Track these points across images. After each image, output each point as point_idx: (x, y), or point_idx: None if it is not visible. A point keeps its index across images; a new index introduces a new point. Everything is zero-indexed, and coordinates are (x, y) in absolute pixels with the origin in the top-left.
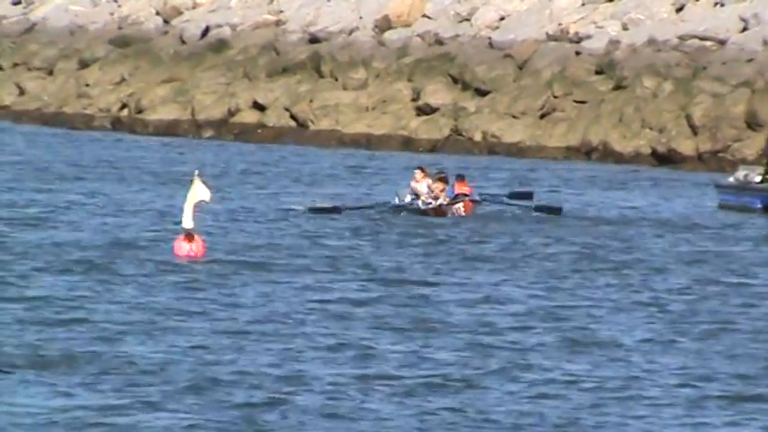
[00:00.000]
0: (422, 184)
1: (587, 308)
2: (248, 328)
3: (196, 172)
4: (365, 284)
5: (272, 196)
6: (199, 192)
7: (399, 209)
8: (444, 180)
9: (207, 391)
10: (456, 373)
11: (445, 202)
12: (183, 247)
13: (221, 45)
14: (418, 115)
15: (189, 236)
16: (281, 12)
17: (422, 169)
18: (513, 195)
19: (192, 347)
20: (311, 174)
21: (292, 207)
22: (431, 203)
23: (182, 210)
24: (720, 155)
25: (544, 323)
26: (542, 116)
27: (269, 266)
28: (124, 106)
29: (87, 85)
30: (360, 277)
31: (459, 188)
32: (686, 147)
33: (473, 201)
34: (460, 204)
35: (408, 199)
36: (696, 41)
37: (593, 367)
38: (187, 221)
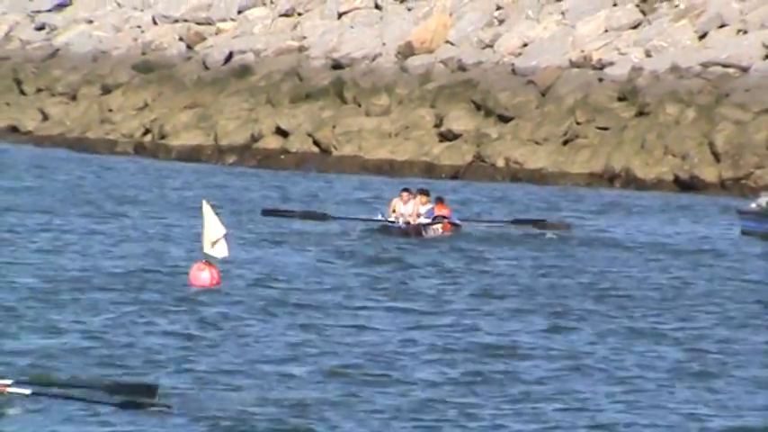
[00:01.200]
0: (408, 206)
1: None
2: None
3: (204, 201)
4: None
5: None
6: (212, 223)
7: (381, 228)
8: (426, 193)
9: None
10: None
11: (424, 223)
12: (200, 276)
13: (244, 71)
14: (441, 141)
15: (205, 264)
16: (305, 38)
17: (408, 191)
18: (517, 221)
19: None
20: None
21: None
22: (410, 223)
23: (198, 238)
24: (743, 182)
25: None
26: (565, 142)
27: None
28: (147, 132)
29: (110, 111)
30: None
31: (439, 210)
32: (709, 174)
33: (452, 223)
34: (439, 226)
35: (392, 218)
36: (719, 68)
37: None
38: (205, 250)
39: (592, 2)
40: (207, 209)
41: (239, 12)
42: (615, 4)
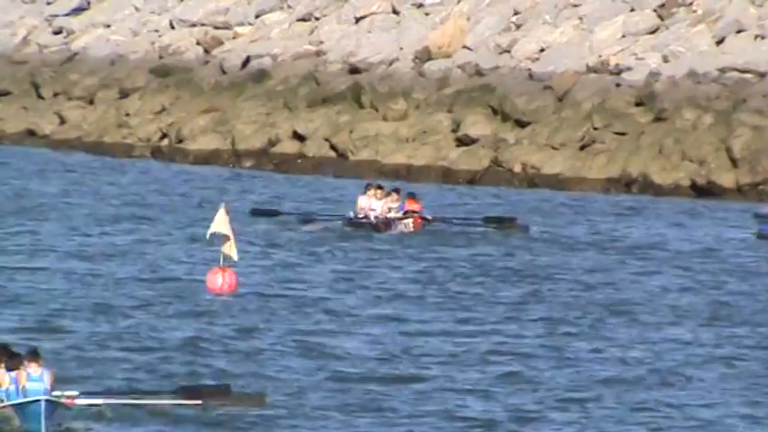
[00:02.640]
0: (381, 202)
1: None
2: None
3: (222, 204)
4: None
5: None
6: (222, 225)
7: (354, 223)
8: (397, 192)
9: None
10: None
11: (395, 217)
12: (216, 281)
13: (262, 75)
14: (458, 146)
15: (221, 269)
16: (322, 42)
17: (380, 187)
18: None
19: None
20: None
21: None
22: (380, 218)
23: (214, 242)
24: (760, 187)
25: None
26: (582, 147)
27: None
28: (164, 136)
29: (127, 115)
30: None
31: (410, 205)
32: (726, 179)
33: (422, 218)
34: (409, 221)
35: (361, 214)
36: (736, 74)
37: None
38: (221, 254)
39: (609, 7)
40: (222, 213)
41: (257, 16)
42: (633, 10)
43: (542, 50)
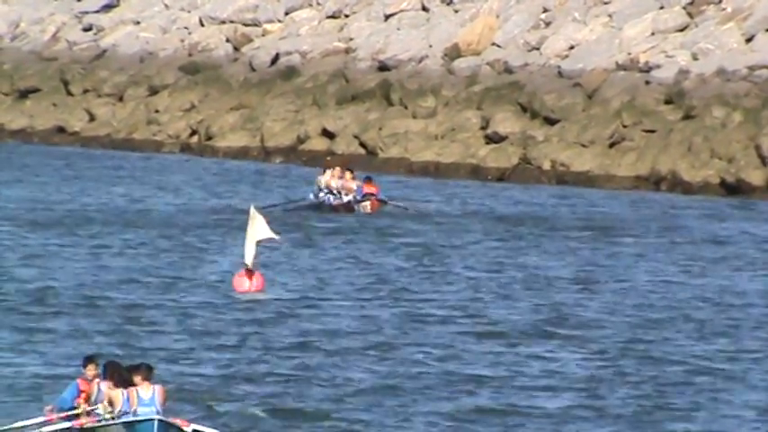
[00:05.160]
0: (341, 182)
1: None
2: None
3: (252, 206)
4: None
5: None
6: (259, 229)
7: (314, 205)
8: (351, 172)
9: None
10: None
11: (354, 200)
12: (243, 283)
13: (291, 72)
14: (487, 143)
15: (249, 272)
16: (351, 39)
17: (341, 168)
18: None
19: None
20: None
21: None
22: (340, 200)
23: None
24: None
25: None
26: (611, 145)
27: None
28: (194, 133)
29: (157, 112)
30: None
31: (368, 188)
32: (755, 177)
33: (379, 200)
34: (367, 203)
35: (322, 195)
36: (766, 72)
37: None
38: (247, 257)
39: (639, 4)
40: (255, 216)
41: (286, 13)
42: (662, 7)
43: (571, 48)
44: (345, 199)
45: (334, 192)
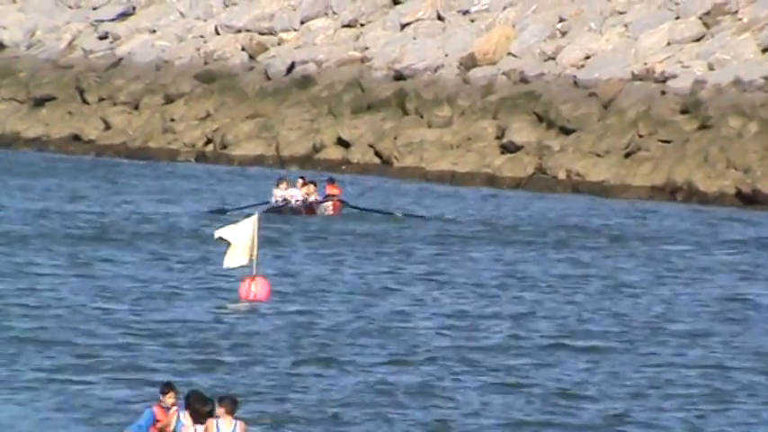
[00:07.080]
0: (302, 190)
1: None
2: None
3: (255, 214)
4: None
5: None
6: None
7: (276, 209)
8: (314, 184)
9: None
10: None
11: (316, 201)
12: (248, 289)
13: (306, 81)
14: (502, 153)
15: (253, 278)
16: (367, 48)
17: (302, 178)
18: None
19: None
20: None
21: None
22: (301, 202)
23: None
24: None
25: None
26: (627, 155)
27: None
28: (209, 141)
29: (173, 120)
30: None
31: (330, 190)
32: None
33: (341, 201)
34: (329, 204)
35: (281, 200)
36: None
37: None
38: (252, 264)
39: (655, 15)
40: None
41: (302, 22)
42: (678, 17)
43: (587, 58)
44: (309, 202)
45: (296, 197)
